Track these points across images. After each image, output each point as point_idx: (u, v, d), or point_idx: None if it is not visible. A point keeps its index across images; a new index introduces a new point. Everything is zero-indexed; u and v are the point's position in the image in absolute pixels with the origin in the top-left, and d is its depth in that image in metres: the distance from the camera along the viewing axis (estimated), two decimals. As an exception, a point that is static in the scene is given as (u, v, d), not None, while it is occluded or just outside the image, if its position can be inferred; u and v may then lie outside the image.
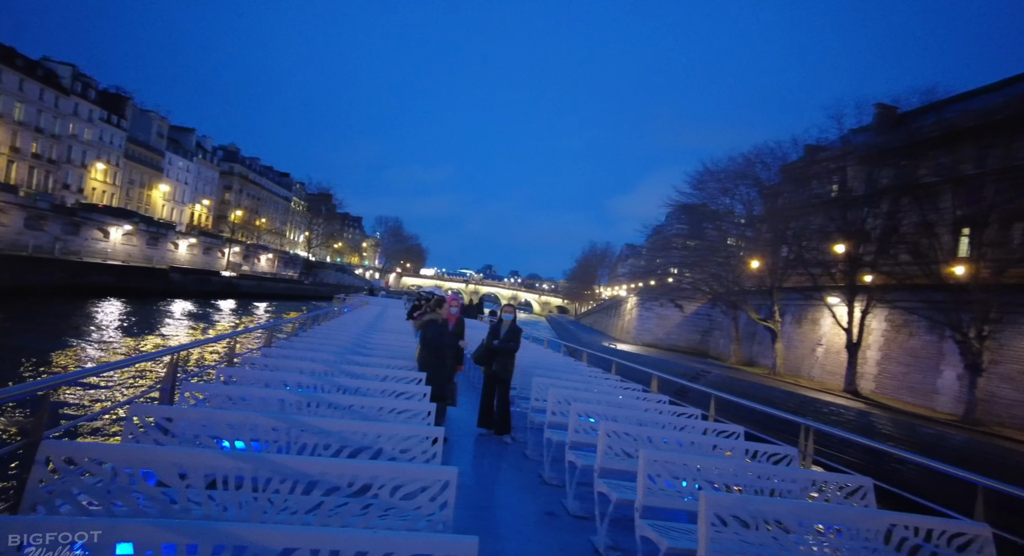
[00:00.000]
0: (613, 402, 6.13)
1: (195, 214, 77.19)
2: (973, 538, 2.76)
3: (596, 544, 3.99)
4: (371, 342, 8.84)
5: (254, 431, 3.12)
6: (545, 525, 4.37)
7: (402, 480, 2.44)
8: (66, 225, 39.47)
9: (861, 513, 2.97)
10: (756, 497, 3.21)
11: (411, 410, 4.05)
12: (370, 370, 5.66)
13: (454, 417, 7.63)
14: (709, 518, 2.64)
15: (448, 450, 5.94)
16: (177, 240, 54.34)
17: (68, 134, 56.41)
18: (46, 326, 24.05)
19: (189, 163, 75.41)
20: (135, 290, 41.87)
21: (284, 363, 5.62)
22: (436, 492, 2.46)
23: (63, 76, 56.17)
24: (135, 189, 66.07)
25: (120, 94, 64.22)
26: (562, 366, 10.00)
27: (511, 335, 7.19)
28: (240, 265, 67.23)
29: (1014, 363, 18.12)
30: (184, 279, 49.49)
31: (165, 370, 4.34)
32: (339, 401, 4.03)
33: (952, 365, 19.74)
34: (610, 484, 4.04)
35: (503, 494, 5.07)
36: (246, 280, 61.64)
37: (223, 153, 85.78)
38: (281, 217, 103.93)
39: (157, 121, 69.31)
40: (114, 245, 44.67)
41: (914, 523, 2.84)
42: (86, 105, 58.27)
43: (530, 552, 3.82)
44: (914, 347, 21.79)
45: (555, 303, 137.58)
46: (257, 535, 1.73)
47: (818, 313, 27.28)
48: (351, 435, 3.15)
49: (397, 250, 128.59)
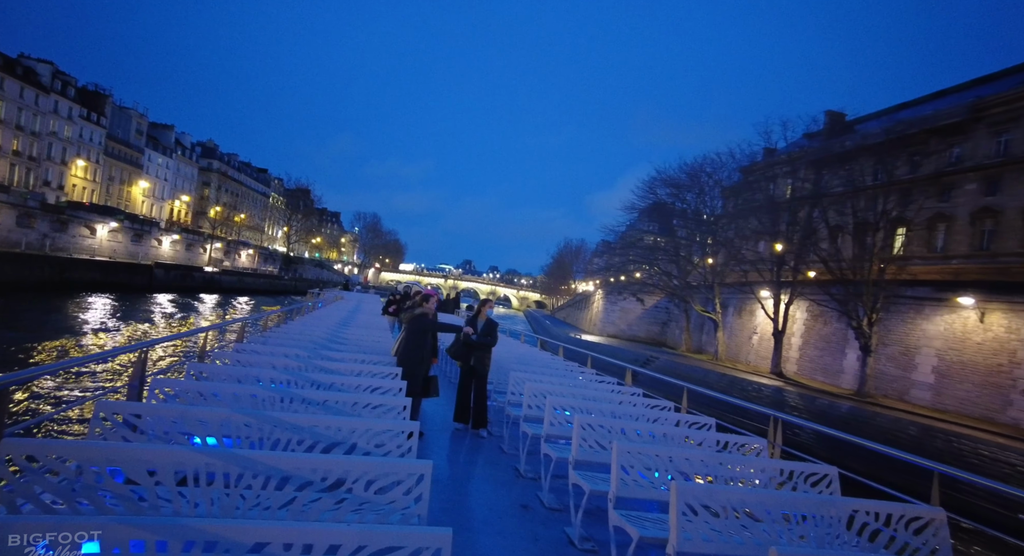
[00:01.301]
0: (588, 396, 6.17)
1: (174, 210, 77.94)
2: (929, 521, 2.86)
3: (570, 535, 4.03)
4: (345, 337, 8.81)
5: (226, 427, 3.12)
6: (520, 517, 4.37)
7: (376, 474, 2.44)
8: (54, 223, 40.86)
9: (825, 501, 3.04)
10: (725, 486, 3.26)
11: (386, 405, 4.05)
12: (344, 365, 5.62)
13: (430, 412, 7.64)
14: (680, 507, 2.70)
15: (424, 445, 5.99)
16: (160, 237, 55.70)
17: (48, 131, 57.04)
18: (30, 320, 25.02)
19: (168, 160, 76.11)
20: (121, 285, 43.43)
21: (256, 359, 5.61)
22: (410, 486, 2.46)
23: (43, 74, 56.73)
24: (115, 186, 66.76)
25: (99, 92, 64.78)
26: (539, 360, 10.07)
27: (487, 330, 7.17)
28: (221, 261, 68.59)
29: (895, 345, 21.70)
30: (168, 275, 51.01)
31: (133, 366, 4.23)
32: (313, 397, 4.02)
33: (853, 348, 23.27)
34: (584, 476, 4.07)
35: (478, 487, 5.09)
36: (227, 276, 63.10)
37: (201, 149, 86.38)
38: (260, 213, 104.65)
39: (136, 118, 69.95)
40: (100, 242, 46.05)
41: (874, 509, 2.93)
42: (66, 103, 58.89)
43: (503, 544, 3.82)
44: (827, 334, 25.34)
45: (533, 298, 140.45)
46: (227, 530, 1.72)
47: (754, 305, 30.76)
48: (325, 430, 3.16)
49: (375, 245, 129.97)
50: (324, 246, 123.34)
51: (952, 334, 20.00)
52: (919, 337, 21.09)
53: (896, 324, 21.82)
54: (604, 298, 50.07)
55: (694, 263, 32.88)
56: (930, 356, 20.59)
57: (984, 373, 18.82)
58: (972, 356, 19.29)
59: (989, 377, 18.65)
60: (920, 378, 20.80)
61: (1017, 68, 32.06)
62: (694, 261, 32.78)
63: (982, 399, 18.72)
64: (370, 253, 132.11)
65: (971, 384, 19.15)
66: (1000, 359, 18.42)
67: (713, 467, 3.70)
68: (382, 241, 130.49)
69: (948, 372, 19.98)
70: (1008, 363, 18.16)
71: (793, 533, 2.95)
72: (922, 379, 20.71)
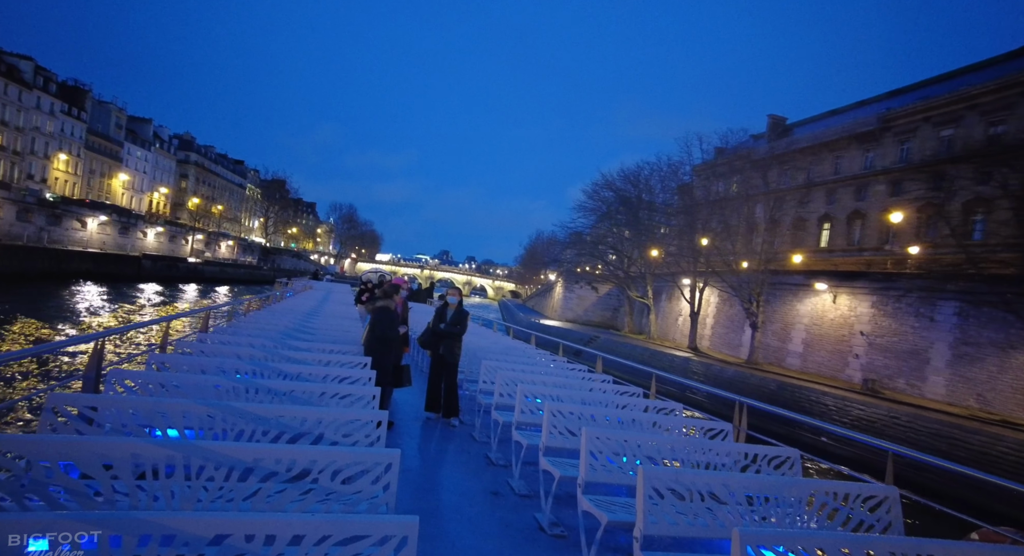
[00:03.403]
0: (559, 383, 6.21)
1: (154, 202, 79.97)
2: (883, 499, 2.99)
3: (540, 521, 4.04)
4: (313, 327, 8.77)
5: (187, 419, 3.04)
6: (490, 504, 4.38)
7: (342, 464, 2.42)
8: (49, 217, 43.74)
9: (786, 482, 3.13)
10: (691, 470, 3.31)
11: (354, 394, 4.02)
12: (312, 355, 5.57)
13: (402, 401, 7.63)
14: (647, 491, 2.74)
15: (395, 434, 5.99)
16: (146, 229, 58.52)
17: (31, 127, 58.96)
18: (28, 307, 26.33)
19: (147, 153, 78.03)
20: (111, 275, 46.50)
21: (221, 349, 5.55)
22: (378, 475, 2.45)
23: (24, 70, 58.50)
24: (96, 178, 68.74)
25: (79, 87, 66.59)
26: (510, 349, 10.04)
27: (457, 318, 7.11)
28: (203, 252, 71.37)
29: (777, 323, 27.10)
30: (154, 266, 54.07)
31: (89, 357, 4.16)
32: (279, 387, 3.95)
33: (748, 326, 28.59)
34: (554, 462, 4.09)
35: (449, 476, 5.07)
36: (209, 266, 66.05)
37: (179, 142, 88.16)
38: (237, 204, 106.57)
39: (115, 112, 71.78)
40: (90, 234, 48.94)
41: (832, 489, 3.06)
42: (48, 99, 60.74)
43: (473, 531, 3.83)
44: (732, 315, 30.68)
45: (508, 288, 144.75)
46: (185, 523, 1.66)
47: (679, 291, 36.07)
48: (291, 421, 3.12)
49: (351, 236, 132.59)
50: (300, 236, 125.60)
51: (815, 313, 25.42)
52: (794, 316, 26.49)
53: (778, 306, 27.22)
54: (563, 287, 55.10)
55: (632, 258, 38.07)
56: (800, 330, 26.01)
57: (834, 342, 24.26)
58: (827, 330, 24.73)
59: (836, 345, 24.10)
60: (793, 348, 26.22)
61: (922, 83, 37.58)
62: (632, 255, 37.98)
63: (831, 362, 24.18)
64: (346, 243, 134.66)
65: (825, 351, 24.60)
66: (844, 332, 23.86)
67: (680, 451, 3.77)
68: (358, 231, 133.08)
69: (811, 342, 25.41)
70: (848, 334, 23.60)
71: (756, 514, 3.03)
72: (794, 349, 26.14)
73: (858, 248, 29.67)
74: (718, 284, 29.82)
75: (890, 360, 21.77)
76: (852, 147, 34.21)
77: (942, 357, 19.98)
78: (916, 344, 20.93)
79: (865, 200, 31.35)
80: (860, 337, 23.04)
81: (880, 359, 22.14)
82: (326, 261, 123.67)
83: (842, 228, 32.26)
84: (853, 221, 30.45)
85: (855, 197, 32.13)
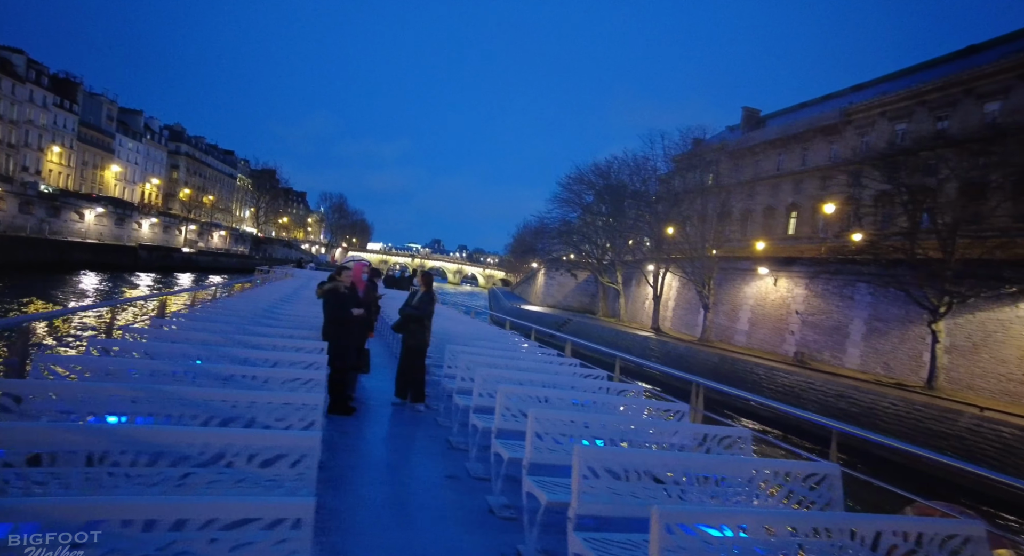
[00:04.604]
0: (523, 367, 6.19)
1: (146, 193, 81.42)
2: (824, 477, 3.03)
3: (492, 504, 4.06)
4: (281, 312, 8.75)
5: (110, 405, 2.96)
6: (446, 488, 4.39)
7: (258, 447, 2.38)
8: (49, 209, 45.64)
9: (729, 460, 3.23)
10: (628, 449, 3.41)
11: (300, 379, 3.99)
12: (267, 340, 5.52)
13: (371, 387, 7.63)
14: (582, 470, 2.74)
15: (361, 419, 6.04)
16: (140, 220, 60.41)
17: (25, 119, 60.29)
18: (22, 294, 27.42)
19: (138, 144, 79.36)
20: (109, 265, 48.53)
21: (174, 334, 5.49)
22: (295, 459, 2.41)
23: (17, 64, 59.67)
24: (88, 170, 70.19)
25: (70, 79, 67.78)
26: (483, 334, 10.00)
27: (423, 301, 7.05)
28: (196, 242, 73.26)
29: (727, 304, 29.99)
30: (150, 255, 56.10)
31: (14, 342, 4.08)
32: (224, 371, 3.92)
33: (702, 307, 31.44)
34: (506, 444, 4.09)
35: (409, 460, 5.10)
36: (203, 255, 68.01)
37: (169, 133, 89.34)
38: (227, 194, 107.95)
39: (106, 104, 73.00)
40: (88, 225, 50.85)
41: (777, 467, 3.14)
42: (40, 92, 62.01)
43: (426, 516, 3.82)
44: (689, 297, 33.51)
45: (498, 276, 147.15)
46: (54, 510, 1.62)
47: (645, 277, 38.85)
48: (221, 404, 3.06)
49: (342, 225, 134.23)
50: (291, 226, 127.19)
51: (759, 294, 28.27)
52: (741, 298, 29.34)
53: (729, 289, 30.07)
54: (545, 274, 57.80)
55: (603, 246, 40.83)
56: (747, 311, 28.88)
57: (774, 321, 27.15)
58: (769, 310, 27.60)
59: (776, 323, 26.99)
60: (740, 327, 29.11)
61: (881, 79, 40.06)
62: (604, 245, 40.74)
63: (772, 338, 27.09)
64: (336, 233, 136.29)
65: (767, 329, 27.49)
66: (782, 311, 26.74)
67: (631, 432, 3.82)
68: (348, 221, 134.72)
69: (756, 321, 28.30)
70: (786, 313, 26.48)
71: (704, 493, 3.06)
72: (741, 327, 29.03)
73: (794, 237, 32.49)
74: (677, 270, 32.58)
75: (819, 335, 24.68)
76: (818, 139, 36.72)
77: (858, 332, 22.89)
78: (839, 321, 23.82)
79: (827, 190, 33.81)
80: (795, 316, 25.93)
81: (811, 335, 25.05)
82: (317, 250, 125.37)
83: (807, 216, 34.86)
84: (817, 210, 32.92)
85: (820, 187, 34.62)
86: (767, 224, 36.86)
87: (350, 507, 3.78)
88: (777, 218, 37.02)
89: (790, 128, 38.94)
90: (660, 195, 36.69)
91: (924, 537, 2.37)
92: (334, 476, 4.26)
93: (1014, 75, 26.66)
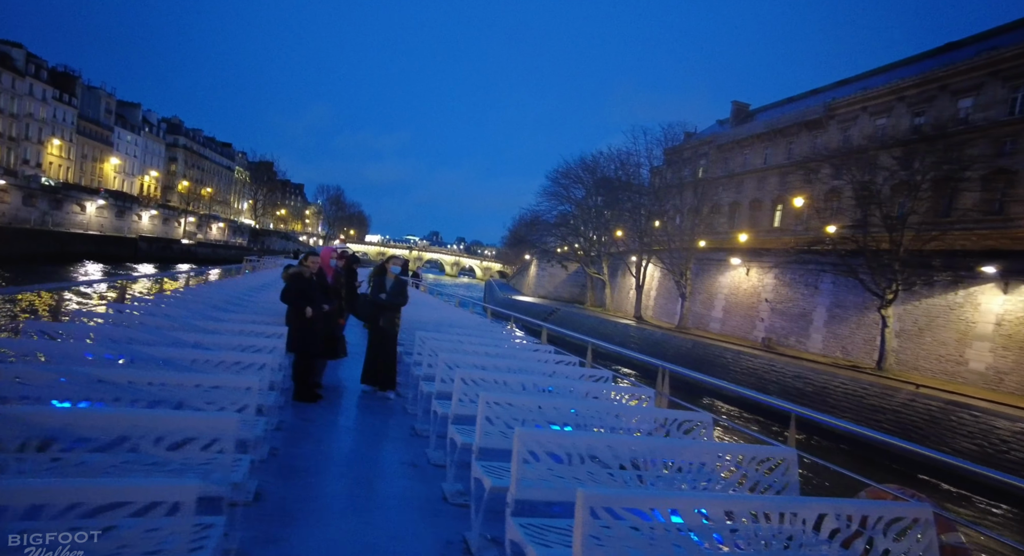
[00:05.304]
0: (492, 353, 6.14)
1: (144, 185, 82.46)
2: (780, 461, 3.01)
3: (445, 490, 4.04)
4: (252, 300, 8.63)
5: (29, 389, 2.87)
6: (405, 475, 4.36)
7: (164, 430, 2.26)
8: (51, 201, 46.87)
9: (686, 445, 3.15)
10: (571, 432, 3.29)
11: (243, 363, 3.94)
12: (226, 326, 5.45)
13: (344, 374, 7.60)
14: (521, 454, 2.70)
15: (327, 406, 6.05)
16: (140, 212, 61.62)
17: (25, 113, 61.26)
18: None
19: (136, 137, 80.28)
20: (111, 256, 49.83)
21: (126, 318, 5.37)
22: (206, 442, 2.33)
23: (16, 58, 60.55)
24: (88, 163, 71.19)
25: (69, 73, 68.65)
26: (463, 322, 9.92)
27: (397, 289, 6.95)
28: (195, 234, 74.51)
29: (703, 293, 31.43)
30: (150, 247, 57.39)
31: None
32: (162, 354, 3.85)
33: (680, 296, 32.88)
34: (461, 430, 4.04)
35: (370, 447, 5.07)
36: (201, 247, 69.26)
37: (167, 126, 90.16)
38: (225, 187, 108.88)
39: (104, 98, 73.87)
40: (89, 218, 52.09)
41: (733, 451, 3.14)
42: (40, 85, 62.91)
43: (382, 504, 3.80)
44: (669, 287, 34.93)
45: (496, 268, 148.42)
46: None
47: (628, 268, 40.24)
48: (147, 387, 2.98)
49: (339, 217, 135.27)
50: (289, 218, 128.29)
51: (733, 284, 29.69)
52: (717, 287, 30.77)
53: (706, 279, 31.50)
54: (537, 266, 59.18)
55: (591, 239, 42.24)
56: (721, 299, 30.32)
57: (746, 308, 28.59)
58: (741, 298, 29.03)
59: (748, 311, 28.43)
60: (715, 314, 30.56)
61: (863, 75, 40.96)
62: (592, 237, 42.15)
63: (743, 325, 28.54)
64: (334, 225, 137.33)
65: (740, 317, 28.94)
66: (753, 300, 28.17)
67: (592, 417, 3.74)
68: (345, 213, 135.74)
69: (730, 309, 29.74)
70: (756, 301, 27.92)
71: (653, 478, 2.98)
72: (716, 315, 30.49)
73: (795, 229, 33.66)
74: (658, 262, 33.98)
75: (785, 322, 26.13)
76: (803, 134, 37.75)
77: (821, 318, 24.34)
78: (804, 308, 25.26)
79: (811, 184, 34.67)
80: (765, 304, 27.36)
81: (779, 321, 26.50)
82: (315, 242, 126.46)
83: (792, 209, 35.82)
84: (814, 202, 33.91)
85: (804, 180, 35.36)
86: (754, 216, 37.96)
87: (299, 495, 3.71)
88: (764, 210, 38.09)
89: (777, 122, 39.86)
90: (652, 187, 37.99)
91: (868, 520, 2.31)
92: (288, 463, 4.22)
93: (986, 72, 27.72)
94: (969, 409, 15.07)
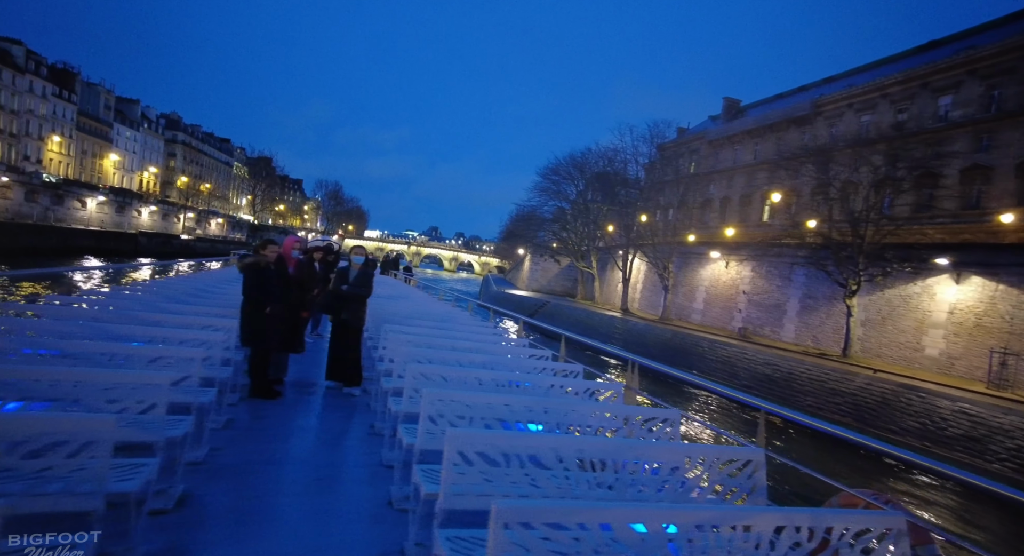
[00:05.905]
0: (460, 347, 5.82)
1: (143, 181, 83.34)
2: (748, 462, 2.83)
3: (392, 494, 3.74)
4: (217, 292, 8.40)
5: None
6: (356, 476, 4.13)
7: (23, 434, 2.08)
8: (53, 197, 47.83)
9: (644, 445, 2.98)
10: (507, 433, 2.91)
11: (169, 357, 3.73)
12: (177, 318, 5.21)
13: (308, 370, 7.28)
14: (452, 457, 2.46)
15: (285, 404, 5.75)
16: (140, 208, 62.59)
17: (25, 109, 62.09)
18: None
19: (136, 133, 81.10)
20: (111, 251, 50.81)
21: (61, 310, 5.17)
22: (75, 449, 2.13)
23: (16, 55, 61.32)
24: (87, 159, 72.06)
25: (68, 69, 69.42)
26: (439, 315, 9.57)
27: (361, 280, 6.57)
28: (194, 229, 75.48)
29: (685, 286, 32.44)
30: (150, 242, 58.36)
31: None
32: (76, 348, 3.63)
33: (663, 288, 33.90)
34: (408, 430, 3.70)
35: (324, 447, 4.77)
36: (201, 242, 70.18)
37: (166, 122, 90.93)
38: (224, 182, 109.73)
39: (104, 94, 74.67)
40: (90, 213, 53.07)
41: (696, 452, 3.01)
42: (40, 82, 63.71)
43: (327, 507, 3.53)
44: (654, 280, 35.95)
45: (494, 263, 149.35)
46: None
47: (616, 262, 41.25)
48: (34, 385, 2.79)
49: (337, 212, 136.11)
50: (288, 213, 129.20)
51: (713, 276, 30.70)
52: (698, 279, 31.78)
53: (688, 271, 32.52)
54: (530, 261, 60.17)
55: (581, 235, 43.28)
56: (702, 291, 31.33)
57: (725, 300, 29.61)
58: (721, 290, 30.05)
59: (727, 303, 29.46)
60: (696, 306, 31.59)
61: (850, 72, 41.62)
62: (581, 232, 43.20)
63: (722, 316, 29.57)
64: (332, 220, 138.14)
65: (719, 308, 29.96)
66: (732, 291, 29.19)
67: (555, 414, 3.50)
68: (343, 208, 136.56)
69: (710, 301, 30.76)
70: (735, 293, 28.94)
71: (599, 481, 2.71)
72: (697, 306, 31.51)
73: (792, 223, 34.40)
74: (643, 256, 34.97)
75: (761, 312, 27.16)
76: (792, 129, 38.47)
77: (794, 309, 25.36)
78: (779, 299, 26.28)
79: (799, 180, 35.37)
80: (743, 295, 28.38)
81: (755, 312, 27.53)
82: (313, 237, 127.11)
83: (780, 204, 36.60)
84: (788, 198, 34.86)
85: (792, 176, 35.98)
86: (743, 211, 38.71)
87: (231, 499, 3.45)
88: (753, 205, 38.88)
89: (766, 118, 40.52)
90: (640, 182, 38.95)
91: (834, 531, 2.10)
92: (229, 464, 3.95)
93: (965, 70, 28.50)
94: (917, 391, 16.12)
